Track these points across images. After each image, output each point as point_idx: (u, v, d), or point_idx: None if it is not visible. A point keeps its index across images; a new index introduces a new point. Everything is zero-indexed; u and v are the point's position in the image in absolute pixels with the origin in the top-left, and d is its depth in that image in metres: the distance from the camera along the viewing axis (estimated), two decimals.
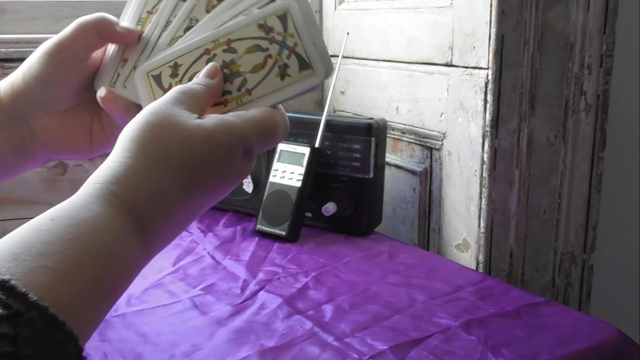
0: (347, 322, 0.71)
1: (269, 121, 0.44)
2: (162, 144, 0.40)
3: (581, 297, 1.05)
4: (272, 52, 0.45)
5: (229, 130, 0.42)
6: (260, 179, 1.08)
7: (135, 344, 0.66)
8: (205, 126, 0.41)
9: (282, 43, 0.45)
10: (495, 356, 0.64)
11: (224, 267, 0.88)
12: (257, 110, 0.45)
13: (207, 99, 0.45)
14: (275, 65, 0.45)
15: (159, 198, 0.39)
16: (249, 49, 0.45)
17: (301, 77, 0.45)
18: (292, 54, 0.44)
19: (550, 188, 0.97)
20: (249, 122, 0.43)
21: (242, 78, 0.46)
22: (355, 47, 1.18)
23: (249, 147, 0.43)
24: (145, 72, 0.48)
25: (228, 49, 0.46)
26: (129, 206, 0.38)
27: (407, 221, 1.09)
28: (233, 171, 0.43)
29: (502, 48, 0.88)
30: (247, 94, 0.46)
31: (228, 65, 0.46)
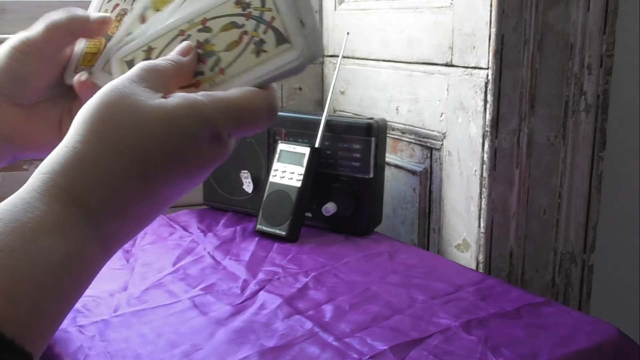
0: (347, 322, 0.71)
1: (244, 102, 0.39)
2: (116, 126, 0.36)
3: (581, 297, 1.05)
4: (248, 28, 0.42)
5: (193, 111, 0.37)
6: (260, 179, 1.08)
7: (135, 344, 0.66)
8: (167, 107, 0.37)
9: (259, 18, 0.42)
10: (495, 356, 0.64)
11: (224, 267, 0.88)
12: (233, 91, 0.40)
13: (174, 76, 0.41)
14: (251, 42, 0.42)
15: (112, 188, 0.35)
16: (224, 27, 0.43)
17: (278, 52, 0.41)
18: (269, 28, 0.41)
19: (550, 188, 0.97)
20: (219, 102, 0.38)
21: (216, 57, 0.43)
22: (355, 47, 1.18)
23: (217, 132, 0.38)
24: (120, 58, 0.46)
25: (203, 28, 0.43)
26: (77, 199, 0.34)
27: (407, 221, 1.09)
28: (198, 158, 0.38)
29: (502, 48, 0.88)
30: (220, 74, 0.42)
31: (202, 45, 0.43)
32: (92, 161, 0.35)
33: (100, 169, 0.35)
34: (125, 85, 0.37)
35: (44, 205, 0.33)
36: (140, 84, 0.38)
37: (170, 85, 0.40)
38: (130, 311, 0.73)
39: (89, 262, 0.35)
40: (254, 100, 0.40)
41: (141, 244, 0.96)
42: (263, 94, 0.41)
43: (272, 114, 0.41)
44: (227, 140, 0.39)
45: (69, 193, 0.34)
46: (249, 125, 0.40)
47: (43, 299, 0.31)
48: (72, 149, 0.35)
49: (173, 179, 0.37)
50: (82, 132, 0.36)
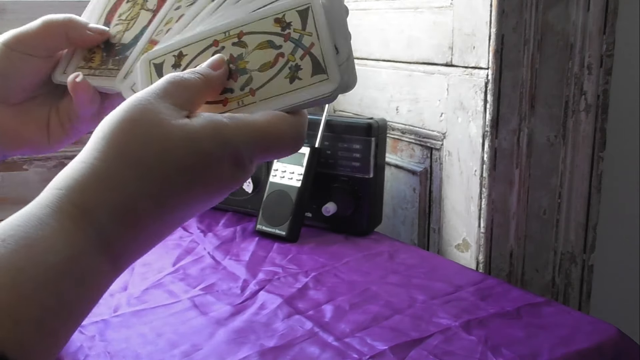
0: (347, 322, 0.71)
1: (270, 129, 0.38)
2: (136, 144, 0.35)
3: (581, 297, 1.05)
4: (285, 50, 0.40)
5: (217, 134, 0.36)
6: (260, 179, 1.08)
7: (135, 344, 0.66)
8: (190, 127, 0.36)
9: (297, 42, 0.40)
10: (495, 356, 0.64)
11: (224, 267, 0.88)
12: (260, 115, 0.39)
13: (202, 92, 0.40)
14: (286, 66, 0.40)
15: (127, 208, 0.34)
16: (260, 45, 0.41)
17: (312, 81, 0.40)
18: (307, 54, 0.40)
19: (550, 188, 0.97)
20: (245, 127, 0.37)
21: (248, 76, 0.41)
22: (355, 47, 1.18)
23: (240, 157, 0.37)
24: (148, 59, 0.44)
25: (238, 42, 0.41)
26: (91, 218, 0.34)
27: (407, 221, 1.09)
28: (218, 182, 0.37)
29: (502, 48, 0.88)
30: (249, 95, 0.41)
31: (235, 60, 0.41)
32: (109, 180, 0.34)
33: (117, 188, 0.34)
34: (149, 101, 0.36)
35: (56, 222, 0.33)
36: (165, 100, 0.37)
37: (196, 101, 0.39)
38: (130, 311, 0.73)
39: (99, 281, 0.35)
40: (280, 127, 0.39)
41: None
42: (291, 120, 0.39)
43: (298, 142, 0.40)
44: (247, 165, 0.39)
45: (82, 211, 0.34)
46: (273, 152, 0.39)
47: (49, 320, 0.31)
48: (90, 165, 0.35)
49: (190, 201, 0.37)
50: (100, 149, 0.35)
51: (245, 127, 0.37)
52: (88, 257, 0.33)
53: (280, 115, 0.39)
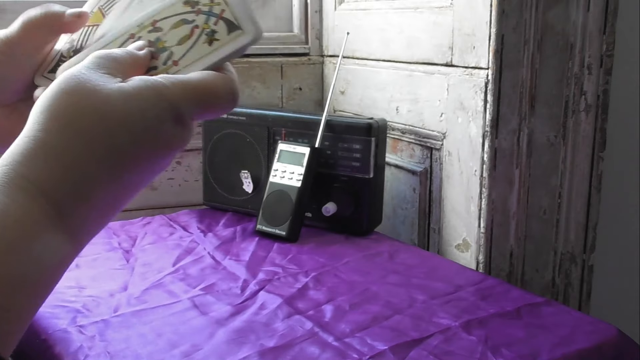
0: (347, 322, 0.71)
1: (206, 85, 0.39)
2: (77, 112, 0.35)
3: (581, 297, 1.05)
4: (199, 22, 0.43)
5: (154, 93, 0.37)
6: (260, 179, 1.08)
7: (135, 344, 0.66)
8: (127, 89, 0.36)
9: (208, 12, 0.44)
10: (495, 356, 0.64)
11: (224, 267, 0.88)
12: (194, 74, 0.40)
13: (130, 65, 0.40)
14: (202, 33, 0.43)
15: (78, 175, 0.34)
16: (174, 24, 0.44)
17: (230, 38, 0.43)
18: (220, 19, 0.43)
19: (550, 188, 0.97)
20: (180, 85, 0.38)
21: (169, 52, 0.43)
22: (355, 47, 1.18)
23: (181, 113, 0.38)
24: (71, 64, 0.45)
25: (153, 29, 0.44)
26: (41, 189, 0.33)
27: (407, 221, 1.09)
28: (163, 140, 0.37)
29: (502, 48, 0.88)
30: (173, 65, 0.43)
31: (154, 43, 0.44)
32: (54, 149, 0.34)
33: (64, 156, 0.34)
34: (82, 72, 0.37)
35: (7, 197, 0.32)
36: (98, 70, 0.37)
37: (126, 73, 0.39)
38: (130, 311, 0.73)
39: (58, 254, 0.34)
40: (215, 83, 0.40)
41: (141, 244, 0.96)
42: (223, 77, 0.40)
43: (234, 97, 0.41)
44: (189, 123, 0.39)
45: (33, 183, 0.33)
46: (211, 107, 0.40)
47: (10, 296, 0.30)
48: (33, 138, 0.34)
49: (138, 162, 0.37)
50: (42, 121, 0.35)
51: (181, 85, 0.38)
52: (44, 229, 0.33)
53: (212, 73, 0.40)
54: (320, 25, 1.32)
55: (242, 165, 1.10)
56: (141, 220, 1.07)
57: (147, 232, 1.01)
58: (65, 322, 0.70)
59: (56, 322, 0.70)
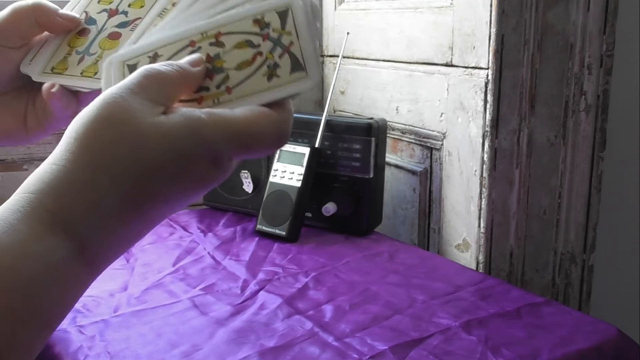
0: (347, 322, 0.71)
1: (250, 125, 0.36)
2: (109, 145, 0.34)
3: (581, 297, 1.05)
4: (264, 49, 0.40)
5: (194, 132, 0.35)
6: (260, 179, 1.08)
7: (135, 344, 0.66)
8: (166, 125, 0.34)
9: (276, 41, 0.40)
10: (495, 356, 0.64)
11: (224, 267, 0.88)
12: (240, 110, 0.37)
13: (178, 87, 0.38)
14: (264, 64, 0.40)
15: (102, 212, 0.33)
16: (238, 44, 0.40)
17: (292, 79, 0.39)
18: (286, 53, 0.40)
19: (550, 188, 0.97)
20: (223, 123, 0.36)
21: (225, 74, 0.40)
22: (355, 47, 1.18)
23: (218, 155, 0.36)
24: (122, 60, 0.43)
25: (216, 42, 0.41)
26: (64, 223, 0.33)
27: (407, 221, 1.09)
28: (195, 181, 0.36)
29: (502, 48, 0.88)
30: (226, 92, 0.40)
31: (212, 60, 0.41)
32: (82, 183, 0.33)
33: (91, 192, 0.33)
34: (123, 97, 0.35)
35: (27, 227, 0.32)
36: (139, 95, 0.35)
37: (172, 95, 0.38)
38: (130, 311, 0.73)
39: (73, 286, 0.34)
40: (261, 123, 0.37)
41: (141, 244, 0.96)
42: (272, 117, 0.37)
43: (281, 140, 0.38)
44: (227, 164, 0.37)
45: (55, 216, 0.33)
46: (253, 150, 0.37)
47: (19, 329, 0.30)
48: (62, 167, 0.33)
49: (166, 200, 0.36)
50: (73, 150, 0.34)
51: (223, 124, 0.36)
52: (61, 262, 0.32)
53: (262, 110, 0.37)
54: (320, 25, 1.32)
55: (242, 165, 1.10)
56: None
57: None
58: (65, 322, 0.70)
59: None
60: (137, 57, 0.42)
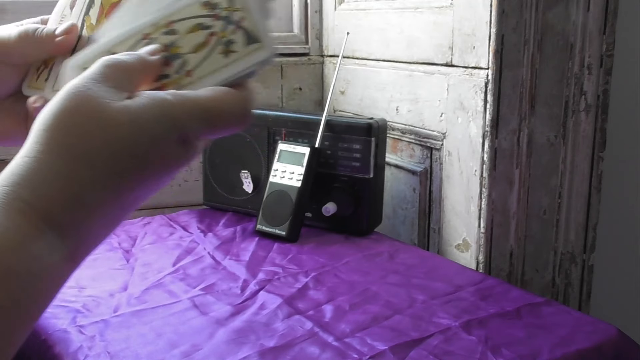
0: (347, 322, 0.71)
1: (215, 103, 0.37)
2: (79, 132, 0.34)
3: (581, 297, 1.05)
4: (216, 29, 0.41)
5: (161, 113, 0.36)
6: (260, 179, 1.08)
7: (135, 344, 0.66)
8: (133, 108, 0.35)
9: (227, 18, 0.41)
10: (495, 356, 0.64)
11: (224, 267, 0.88)
12: (204, 91, 0.38)
13: (139, 74, 0.39)
14: (219, 43, 0.40)
15: (79, 199, 0.34)
16: (191, 29, 0.41)
17: (248, 51, 0.40)
18: (239, 28, 0.40)
19: (550, 188, 0.97)
20: (188, 103, 0.37)
21: (182, 60, 0.41)
22: (355, 47, 1.18)
23: (186, 134, 0.37)
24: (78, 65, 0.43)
25: (168, 31, 0.42)
26: (41, 213, 0.33)
27: (407, 221, 1.09)
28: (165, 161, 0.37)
29: (502, 48, 0.88)
30: (186, 76, 0.40)
31: (168, 48, 0.41)
32: (55, 171, 0.33)
33: (65, 179, 0.33)
34: (87, 87, 0.35)
35: (7, 220, 0.32)
36: (103, 84, 0.36)
37: (135, 82, 0.38)
38: (130, 311, 0.73)
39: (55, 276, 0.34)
40: (225, 101, 0.38)
41: (141, 244, 0.96)
42: (236, 95, 0.39)
43: (245, 117, 0.39)
44: (195, 142, 0.38)
45: (32, 206, 0.33)
46: (220, 127, 0.38)
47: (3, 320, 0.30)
48: (34, 159, 0.34)
49: (140, 183, 0.36)
50: (43, 141, 0.34)
51: (189, 103, 0.37)
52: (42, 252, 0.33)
53: (224, 89, 0.39)
54: (320, 25, 1.32)
55: (242, 165, 1.10)
56: (141, 220, 1.07)
57: (147, 232, 1.01)
58: (65, 322, 0.70)
59: (56, 322, 0.70)
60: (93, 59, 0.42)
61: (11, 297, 0.31)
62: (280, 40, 1.31)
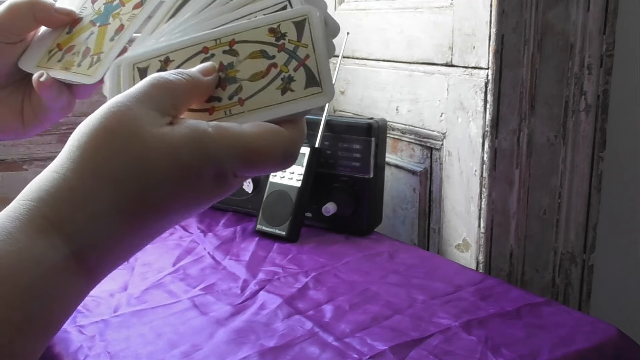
0: (347, 322, 0.71)
1: (257, 142, 0.35)
2: (111, 156, 0.33)
3: (581, 297, 1.05)
4: (279, 61, 0.39)
5: (199, 146, 0.34)
6: (260, 179, 1.08)
7: (135, 344, 0.66)
8: (170, 137, 0.34)
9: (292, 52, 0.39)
10: (495, 356, 0.64)
11: (224, 267, 0.88)
12: (249, 126, 0.36)
13: (187, 97, 0.37)
14: (279, 77, 0.39)
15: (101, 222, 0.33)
16: (252, 54, 0.39)
17: (306, 94, 0.38)
18: (302, 66, 0.39)
19: (550, 188, 0.97)
20: (230, 138, 0.35)
21: (238, 85, 0.39)
22: (355, 47, 1.18)
23: (222, 171, 0.35)
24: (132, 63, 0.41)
25: (229, 50, 0.40)
26: (62, 232, 0.32)
27: (407, 221, 1.09)
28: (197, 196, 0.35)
29: (502, 48, 0.88)
30: (238, 104, 0.39)
31: (225, 68, 0.40)
32: (82, 194, 0.33)
33: (91, 203, 0.33)
34: (129, 107, 0.34)
35: (26, 237, 0.31)
36: (146, 105, 0.35)
37: (181, 105, 0.37)
38: (130, 311, 0.73)
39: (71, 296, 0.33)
40: (269, 140, 0.36)
41: None
42: (281, 136, 0.36)
43: (288, 159, 0.37)
44: (231, 179, 0.36)
45: (54, 225, 0.32)
46: (259, 167, 0.36)
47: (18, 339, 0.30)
48: (62, 176, 0.33)
49: (168, 214, 0.35)
50: (74, 159, 0.33)
51: (230, 139, 0.35)
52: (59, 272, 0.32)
53: (271, 127, 0.37)
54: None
55: None
56: None
57: None
58: None
59: None
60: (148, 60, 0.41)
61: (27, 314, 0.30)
62: None
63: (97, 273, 0.34)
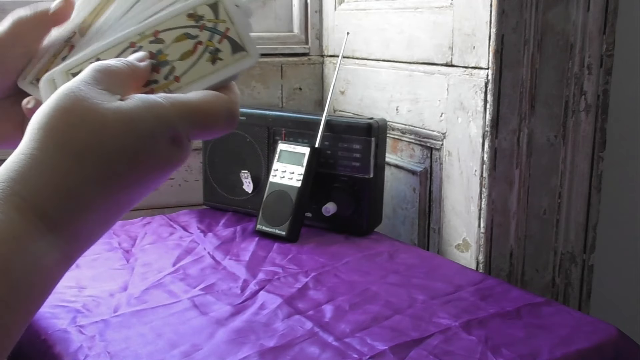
0: (347, 322, 0.71)
1: (203, 106, 0.39)
2: (73, 131, 0.35)
3: (581, 297, 1.05)
4: (203, 38, 0.43)
5: (152, 114, 0.37)
6: (260, 179, 1.08)
7: (135, 344, 0.66)
8: (124, 109, 0.36)
9: (213, 29, 0.43)
10: (495, 356, 0.64)
11: (224, 267, 0.88)
12: (193, 94, 0.40)
13: (129, 79, 0.40)
14: (206, 51, 0.43)
15: (71, 194, 0.35)
16: (177, 38, 0.43)
17: (234, 59, 0.43)
18: (225, 38, 0.43)
19: (550, 188, 0.97)
20: (179, 105, 0.38)
21: (170, 66, 0.43)
22: (355, 47, 1.18)
23: (177, 134, 0.38)
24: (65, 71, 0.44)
25: (155, 40, 0.44)
26: (36, 208, 0.34)
27: (407, 221, 1.09)
28: (158, 161, 0.38)
29: (502, 48, 0.88)
30: (175, 81, 0.43)
31: (155, 55, 0.43)
32: (50, 168, 0.35)
33: (59, 175, 0.35)
34: (80, 88, 0.37)
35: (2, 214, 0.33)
36: (96, 86, 0.37)
37: (125, 87, 0.40)
38: (130, 311, 0.73)
39: (49, 271, 0.35)
40: (213, 103, 0.40)
41: (141, 244, 0.96)
42: (223, 98, 0.40)
43: (232, 119, 0.41)
44: (185, 143, 0.39)
45: (27, 201, 0.34)
46: (209, 129, 0.40)
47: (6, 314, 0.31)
48: (29, 155, 0.35)
49: (133, 182, 0.37)
50: (38, 139, 0.35)
51: (179, 105, 0.38)
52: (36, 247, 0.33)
53: (213, 93, 0.41)
54: (320, 25, 1.32)
55: (242, 165, 1.10)
56: (141, 220, 1.07)
57: (147, 232, 1.01)
58: (65, 322, 0.70)
59: (56, 322, 0.70)
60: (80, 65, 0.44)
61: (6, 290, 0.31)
62: (280, 40, 1.31)
63: (72, 247, 0.36)
